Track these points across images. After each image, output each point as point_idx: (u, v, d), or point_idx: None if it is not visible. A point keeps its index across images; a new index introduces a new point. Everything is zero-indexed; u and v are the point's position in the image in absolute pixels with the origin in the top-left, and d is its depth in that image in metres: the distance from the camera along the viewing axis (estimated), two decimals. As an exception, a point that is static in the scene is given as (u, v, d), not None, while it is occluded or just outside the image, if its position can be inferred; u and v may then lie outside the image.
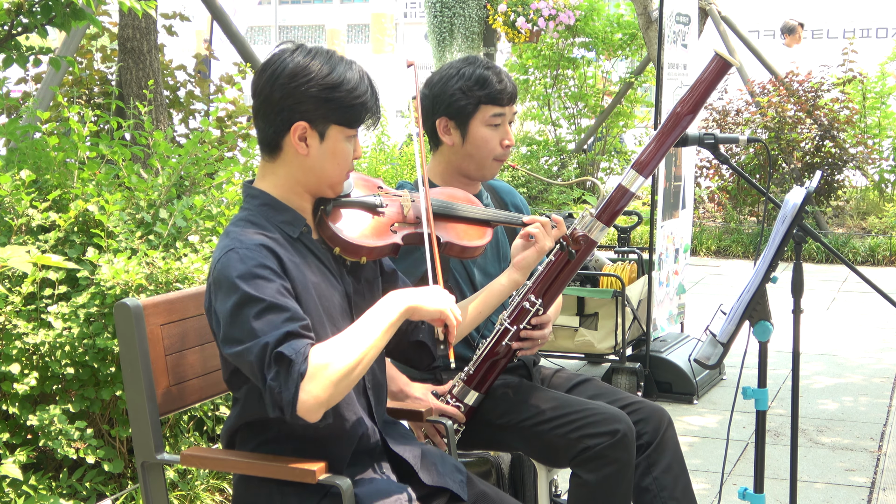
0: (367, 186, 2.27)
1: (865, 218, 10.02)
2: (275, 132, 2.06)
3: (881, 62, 10.43)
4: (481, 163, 2.75)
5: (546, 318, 2.59)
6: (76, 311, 3.16)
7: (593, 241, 2.53)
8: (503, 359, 2.58)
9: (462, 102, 2.70)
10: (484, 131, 2.72)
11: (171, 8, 6.43)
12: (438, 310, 2.05)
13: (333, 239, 2.12)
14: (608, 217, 2.51)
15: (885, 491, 3.88)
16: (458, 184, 2.78)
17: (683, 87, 5.37)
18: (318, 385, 1.87)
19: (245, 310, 1.91)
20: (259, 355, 1.89)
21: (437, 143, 2.80)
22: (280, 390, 1.87)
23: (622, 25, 11.42)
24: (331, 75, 2.03)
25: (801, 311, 2.37)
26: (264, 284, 1.93)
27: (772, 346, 2.38)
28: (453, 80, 2.71)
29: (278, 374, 1.87)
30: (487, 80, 2.70)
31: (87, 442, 3.16)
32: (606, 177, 12.10)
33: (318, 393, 1.87)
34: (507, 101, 2.72)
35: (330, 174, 2.10)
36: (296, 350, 1.88)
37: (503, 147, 2.75)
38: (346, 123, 2.07)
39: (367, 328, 1.97)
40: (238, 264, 1.95)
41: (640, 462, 2.64)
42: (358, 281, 2.19)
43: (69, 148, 3.63)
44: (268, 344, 1.88)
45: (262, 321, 1.90)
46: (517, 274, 2.44)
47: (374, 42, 35.27)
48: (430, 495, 2.14)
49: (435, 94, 2.74)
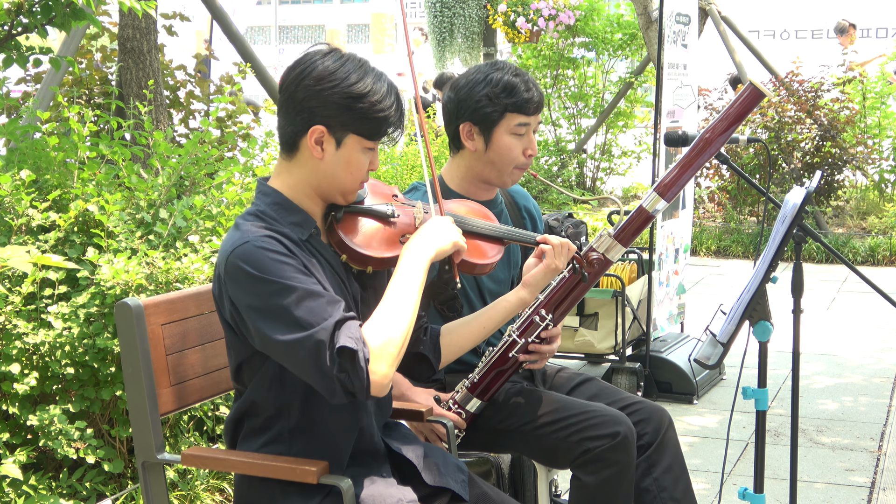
0: (381, 194, 2.25)
1: (865, 218, 10.02)
2: (294, 131, 2.06)
3: (881, 62, 10.43)
4: (502, 170, 2.73)
5: (555, 332, 2.57)
6: (76, 311, 3.16)
7: (609, 261, 2.49)
8: (509, 370, 2.56)
9: (488, 109, 2.67)
10: (508, 139, 2.69)
11: (171, 8, 6.43)
12: (453, 243, 2.14)
13: (341, 246, 2.11)
14: (626, 238, 2.47)
15: (885, 491, 3.88)
16: (476, 189, 2.78)
17: (684, 86, 5.37)
18: (383, 363, 1.95)
19: (279, 300, 1.92)
20: (315, 351, 1.90)
21: (458, 147, 2.77)
22: (351, 379, 1.91)
23: (622, 25, 11.42)
24: (357, 84, 2.02)
25: (801, 311, 2.37)
26: (290, 272, 1.94)
27: (772, 346, 2.38)
28: (480, 85, 2.68)
29: (344, 366, 1.91)
30: (515, 88, 2.66)
31: (87, 442, 3.16)
32: (606, 177, 12.11)
33: (386, 370, 1.95)
34: (534, 111, 2.69)
35: (342, 182, 2.09)
36: (353, 338, 1.92)
37: (526, 156, 2.72)
38: (365, 135, 2.05)
39: (404, 292, 2.03)
40: (256, 255, 1.95)
41: (641, 462, 2.63)
42: (364, 288, 2.18)
43: (69, 148, 3.63)
44: (322, 341, 1.90)
45: (303, 310, 1.92)
46: (525, 292, 2.40)
47: (374, 42, 35.26)
48: (432, 495, 2.14)
49: (461, 98, 2.71)
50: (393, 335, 1.97)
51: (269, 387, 2.06)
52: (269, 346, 1.95)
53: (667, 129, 4.98)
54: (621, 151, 12.02)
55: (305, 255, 2.03)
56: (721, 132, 2.42)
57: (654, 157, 5.04)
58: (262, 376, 2.06)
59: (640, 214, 2.48)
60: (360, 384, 1.91)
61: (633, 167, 12.01)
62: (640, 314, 5.03)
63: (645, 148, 11.79)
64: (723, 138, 2.43)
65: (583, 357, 5.15)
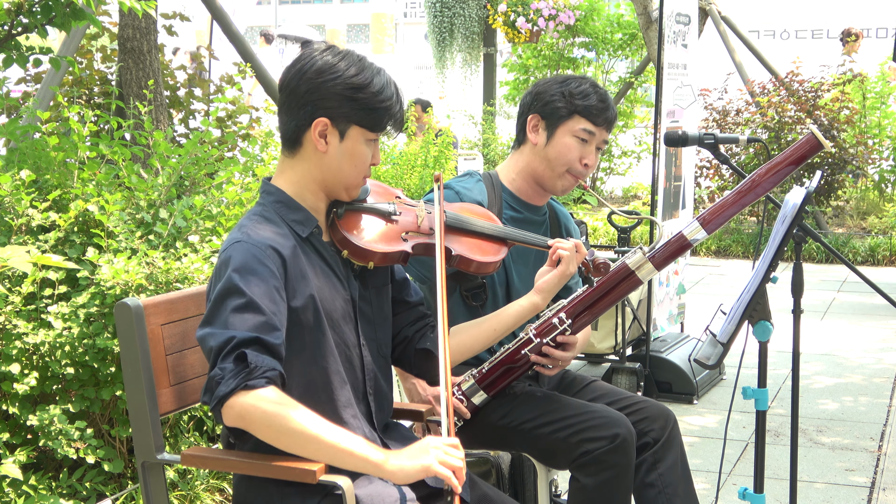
0: (384, 195, 2.27)
1: (865, 218, 10.02)
2: (296, 126, 2.07)
3: (881, 62, 10.43)
4: (556, 170, 2.74)
5: (572, 340, 2.56)
6: (76, 311, 3.16)
7: (638, 280, 2.46)
8: (519, 368, 2.56)
9: (559, 104, 2.71)
10: (569, 140, 2.71)
11: (171, 8, 6.43)
12: (422, 467, 1.89)
13: (343, 242, 2.12)
14: (659, 262, 2.46)
15: (885, 491, 3.88)
16: (529, 188, 2.80)
17: (684, 86, 5.37)
18: (255, 411, 1.86)
19: (227, 300, 1.93)
20: (221, 343, 1.90)
21: (521, 141, 2.80)
22: (220, 381, 1.87)
23: (622, 25, 11.43)
24: (358, 76, 2.05)
25: (801, 311, 2.37)
26: (256, 282, 1.94)
27: (772, 346, 2.38)
28: (559, 84, 2.74)
29: (226, 369, 1.88)
30: (590, 96, 2.71)
31: (87, 442, 3.16)
32: (606, 177, 12.11)
33: (248, 413, 1.87)
34: (602, 123, 2.71)
35: (346, 175, 2.10)
36: (263, 366, 1.88)
37: (582, 165, 2.73)
38: (367, 126, 2.08)
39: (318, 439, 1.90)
40: (239, 256, 1.97)
41: (647, 458, 2.63)
42: (365, 287, 2.18)
43: (69, 148, 3.63)
44: (234, 337, 1.89)
45: (237, 316, 1.91)
46: (539, 297, 2.40)
47: (374, 42, 35.24)
48: (431, 496, 2.14)
49: (538, 90, 2.76)
50: (285, 421, 1.86)
51: None
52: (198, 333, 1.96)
53: (667, 129, 4.98)
54: (621, 151, 12.02)
55: (301, 256, 2.04)
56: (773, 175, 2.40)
57: (654, 157, 5.04)
58: None
59: (679, 241, 2.47)
60: (223, 390, 1.86)
61: (633, 167, 12.01)
62: (640, 314, 5.03)
63: (645, 148, 11.79)
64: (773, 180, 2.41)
65: (583, 357, 5.15)
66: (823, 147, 2.36)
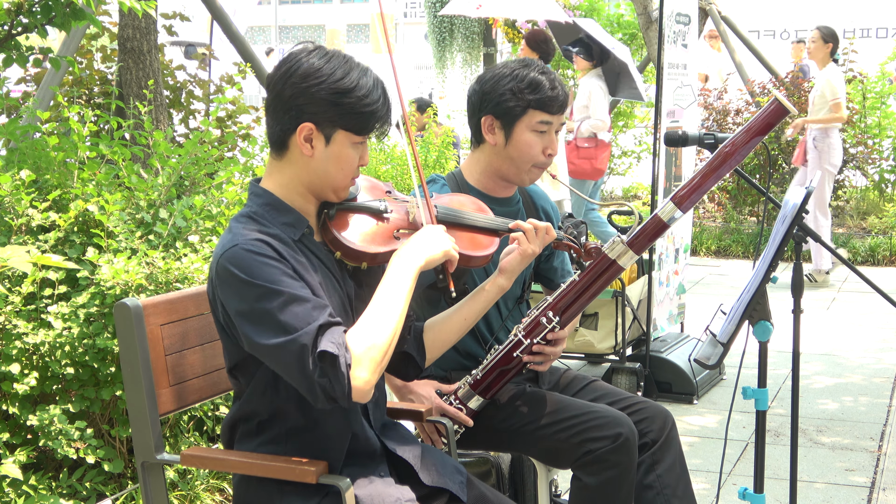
0: (374, 191, 2.25)
1: (865, 218, 10.02)
2: (282, 130, 2.06)
3: (881, 62, 10.43)
4: (521, 167, 2.72)
5: (561, 335, 2.56)
6: (76, 311, 3.16)
7: (619, 267, 2.46)
8: (512, 370, 2.56)
9: (511, 103, 2.66)
10: (528, 136, 2.68)
11: (171, 8, 6.43)
12: (444, 252, 2.12)
13: (335, 243, 2.11)
14: (640, 246, 2.46)
15: (885, 491, 3.88)
16: (495, 185, 2.77)
17: (684, 86, 5.37)
18: (365, 369, 1.94)
19: (265, 304, 1.92)
20: (299, 355, 1.90)
21: (478, 141, 2.76)
22: (332, 385, 1.91)
23: (622, 25, 11.41)
24: (343, 80, 2.02)
25: (801, 311, 2.37)
26: (277, 275, 1.94)
27: (772, 346, 2.38)
28: (506, 79, 2.68)
29: (325, 371, 1.91)
30: (540, 85, 2.66)
31: (87, 442, 3.16)
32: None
33: (367, 377, 1.94)
34: (557, 110, 2.68)
35: (333, 178, 2.09)
36: (336, 343, 1.92)
37: (545, 155, 2.71)
38: (353, 130, 2.06)
39: (391, 299, 2.02)
40: (244, 258, 1.95)
41: (645, 459, 2.63)
42: (360, 285, 2.18)
43: (69, 148, 3.63)
44: (305, 345, 1.90)
45: (287, 314, 1.92)
46: (502, 278, 2.37)
47: (373, 42, 35.25)
48: (430, 496, 2.14)
49: (485, 90, 2.71)
50: (376, 341, 1.96)
51: (263, 391, 2.07)
52: (256, 349, 1.96)
53: (667, 129, 4.98)
54: (621, 151, 12.01)
55: (297, 255, 2.04)
56: (741, 145, 2.40)
57: (654, 157, 5.04)
58: (256, 382, 2.07)
59: (655, 223, 2.45)
60: (340, 389, 1.91)
61: (633, 167, 12.01)
62: (640, 314, 5.03)
63: (645, 148, 11.78)
64: (743, 152, 2.40)
65: (583, 357, 5.15)
66: (789, 112, 2.36)
